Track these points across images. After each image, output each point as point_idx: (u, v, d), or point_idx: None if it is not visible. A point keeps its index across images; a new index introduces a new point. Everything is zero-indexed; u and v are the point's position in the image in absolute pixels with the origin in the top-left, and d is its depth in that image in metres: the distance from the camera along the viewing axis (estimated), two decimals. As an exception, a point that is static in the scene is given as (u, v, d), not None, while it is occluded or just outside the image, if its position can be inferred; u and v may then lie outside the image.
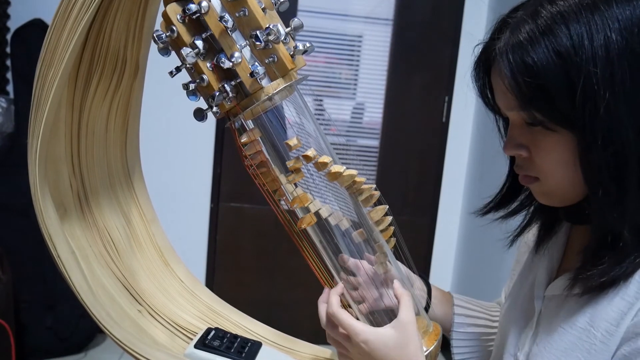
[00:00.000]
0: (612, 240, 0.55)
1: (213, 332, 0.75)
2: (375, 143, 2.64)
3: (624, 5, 0.51)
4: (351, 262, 0.70)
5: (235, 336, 0.76)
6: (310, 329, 2.15)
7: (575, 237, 0.68)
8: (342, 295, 0.67)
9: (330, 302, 0.65)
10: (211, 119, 0.63)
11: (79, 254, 0.67)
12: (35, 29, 2.22)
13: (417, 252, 2.67)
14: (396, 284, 0.67)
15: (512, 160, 0.65)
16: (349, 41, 2.59)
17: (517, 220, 0.72)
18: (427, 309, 0.82)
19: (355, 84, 2.66)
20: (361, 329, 0.62)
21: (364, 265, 0.72)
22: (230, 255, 2.64)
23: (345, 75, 2.64)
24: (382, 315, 0.71)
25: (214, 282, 2.65)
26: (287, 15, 0.57)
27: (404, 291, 0.65)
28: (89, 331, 2.41)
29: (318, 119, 2.59)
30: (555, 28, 0.51)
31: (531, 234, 0.75)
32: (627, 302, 0.55)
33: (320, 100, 2.65)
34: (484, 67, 0.61)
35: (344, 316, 0.63)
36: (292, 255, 0.64)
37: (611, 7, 0.51)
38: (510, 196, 0.69)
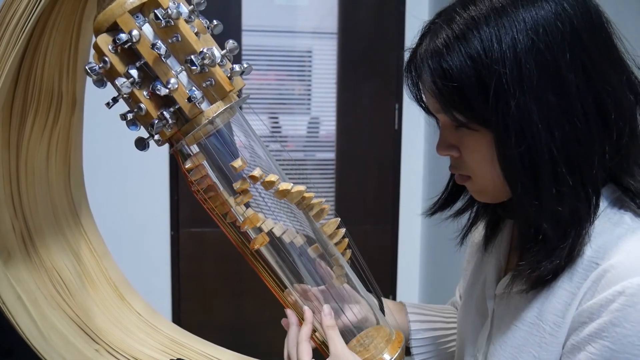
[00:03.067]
0: (535, 234, 0.56)
1: (175, 363, 0.73)
2: (332, 156, 2.65)
3: (530, 7, 0.53)
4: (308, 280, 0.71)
5: (199, 365, 0.74)
6: (282, 348, 2.13)
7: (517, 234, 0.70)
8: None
9: (301, 331, 0.66)
10: (164, 146, 0.62)
11: (26, 297, 0.65)
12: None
13: (382, 259, 2.69)
14: (324, 315, 0.67)
15: None
16: (298, 57, 2.61)
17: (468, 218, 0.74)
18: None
19: (309, 99, 2.67)
20: None
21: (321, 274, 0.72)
22: (195, 281, 2.59)
23: (298, 91, 2.65)
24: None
25: (180, 310, 2.59)
26: (232, 35, 0.57)
27: (329, 323, 0.66)
28: (54, 375, 2.32)
29: (274, 137, 2.59)
30: (468, 33, 0.54)
31: (478, 233, 0.76)
32: (570, 293, 0.57)
33: (276, 118, 2.64)
34: (415, 72, 0.63)
35: (302, 351, 0.64)
36: (257, 275, 0.64)
37: (518, 9, 0.53)
38: (455, 195, 0.71)
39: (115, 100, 0.60)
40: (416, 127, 2.64)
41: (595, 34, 0.55)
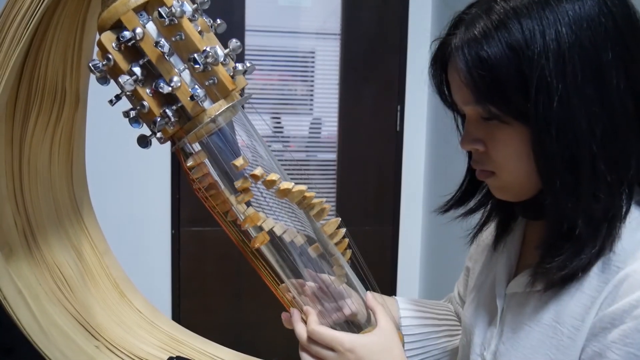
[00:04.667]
0: (568, 232, 0.55)
1: (175, 361, 0.73)
2: (333, 156, 2.66)
3: (574, 1, 0.53)
4: (307, 274, 0.70)
5: (199, 363, 0.74)
6: (283, 347, 2.13)
7: (531, 233, 0.69)
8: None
9: (309, 320, 0.65)
10: (165, 145, 0.63)
11: (27, 293, 0.65)
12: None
13: (383, 260, 2.69)
14: (369, 296, 0.68)
15: (471, 157, 0.66)
16: (301, 57, 2.61)
17: (476, 217, 0.73)
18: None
19: (312, 99, 2.67)
20: (345, 338, 0.62)
21: (322, 278, 0.72)
22: (195, 280, 2.60)
23: (300, 91, 2.66)
24: (344, 328, 0.71)
25: (180, 309, 2.59)
26: (235, 35, 0.58)
27: (376, 303, 0.67)
28: (53, 372, 2.32)
29: (276, 137, 2.60)
30: (509, 23, 0.53)
31: (487, 232, 0.76)
32: (590, 296, 0.56)
33: (278, 118, 2.65)
34: (441, 63, 0.62)
35: (325, 330, 0.63)
36: (258, 275, 0.65)
37: (561, 2, 0.53)
38: (470, 193, 0.70)
39: (118, 97, 0.60)
40: (418, 129, 2.64)
41: (636, 34, 0.55)
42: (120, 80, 0.56)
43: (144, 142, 0.61)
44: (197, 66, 0.56)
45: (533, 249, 0.65)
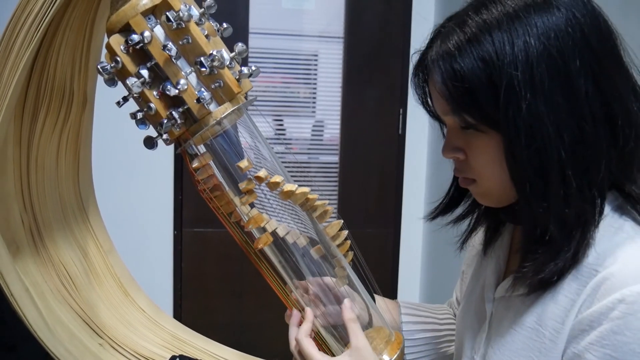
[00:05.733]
0: (542, 236, 0.57)
1: (177, 359, 0.74)
2: (335, 159, 2.66)
3: (541, 13, 0.55)
4: (311, 279, 0.71)
5: (201, 362, 0.75)
6: (284, 347, 2.13)
7: (518, 238, 0.70)
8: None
9: (300, 328, 0.66)
10: (168, 146, 0.64)
11: (34, 290, 0.66)
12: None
13: (384, 262, 2.70)
14: (345, 308, 0.67)
15: None
16: (304, 60, 2.62)
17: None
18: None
19: (314, 102, 2.68)
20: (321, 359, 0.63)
21: (325, 281, 0.73)
22: (197, 281, 2.61)
23: (303, 94, 2.67)
24: (344, 330, 0.72)
25: (182, 309, 2.60)
26: (239, 37, 0.59)
27: (350, 316, 0.66)
28: (55, 371, 2.32)
29: (279, 139, 2.60)
30: (480, 36, 0.55)
31: (477, 237, 0.77)
32: (569, 299, 0.57)
33: (281, 120, 2.66)
34: (422, 75, 0.64)
35: (307, 345, 0.64)
36: (259, 276, 0.66)
37: (530, 14, 0.55)
38: (456, 200, 0.72)
39: (125, 99, 0.61)
40: (420, 132, 2.65)
41: (604, 42, 0.56)
42: (127, 82, 0.57)
43: (150, 143, 0.62)
44: (203, 69, 0.57)
45: (516, 253, 0.67)
